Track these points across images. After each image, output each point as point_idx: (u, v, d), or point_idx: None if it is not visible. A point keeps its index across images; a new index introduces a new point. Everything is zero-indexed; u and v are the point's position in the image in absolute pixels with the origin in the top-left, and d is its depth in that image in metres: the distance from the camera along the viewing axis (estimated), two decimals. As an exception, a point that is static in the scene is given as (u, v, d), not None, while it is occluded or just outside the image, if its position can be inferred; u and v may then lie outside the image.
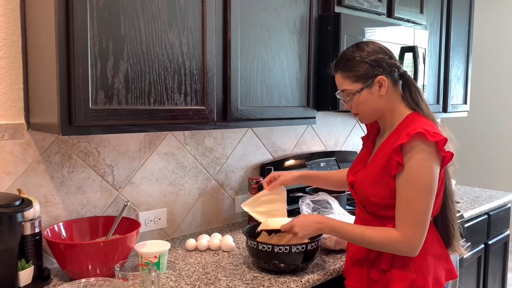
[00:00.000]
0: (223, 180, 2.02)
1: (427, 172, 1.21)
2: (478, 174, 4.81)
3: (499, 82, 4.62)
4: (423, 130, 1.19)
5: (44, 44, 1.28)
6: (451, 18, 2.63)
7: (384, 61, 1.28)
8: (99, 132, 1.27)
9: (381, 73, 1.28)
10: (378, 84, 1.28)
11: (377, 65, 1.28)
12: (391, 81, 1.30)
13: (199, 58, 1.46)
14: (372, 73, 1.28)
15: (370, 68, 1.28)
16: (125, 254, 1.41)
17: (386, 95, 1.30)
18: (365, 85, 1.29)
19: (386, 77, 1.28)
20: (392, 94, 1.31)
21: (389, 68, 1.28)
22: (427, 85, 2.40)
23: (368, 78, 1.28)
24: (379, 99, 1.30)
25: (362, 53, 1.29)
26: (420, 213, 1.22)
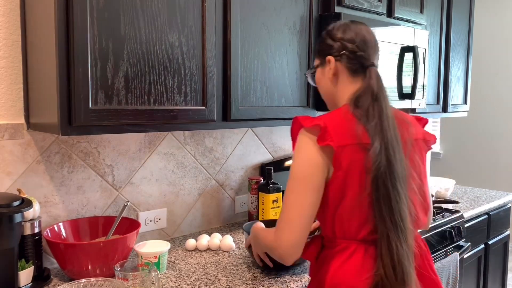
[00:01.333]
0: (223, 180, 2.02)
1: (298, 162, 1.09)
2: (478, 174, 4.81)
3: (499, 82, 4.62)
4: (298, 117, 1.11)
5: (44, 44, 1.28)
6: (451, 18, 2.63)
7: (340, 41, 1.17)
8: (99, 132, 1.27)
9: (333, 54, 1.18)
10: (328, 65, 1.19)
11: (333, 44, 1.18)
12: (346, 67, 1.18)
13: (199, 58, 1.46)
14: (326, 51, 1.20)
15: (326, 45, 1.20)
16: (125, 254, 1.41)
17: (336, 80, 1.19)
18: (320, 63, 1.23)
19: (336, 60, 1.18)
20: (346, 82, 1.19)
21: (343, 51, 1.17)
22: (427, 85, 2.40)
23: (323, 55, 1.21)
24: (328, 81, 1.21)
25: (331, 30, 1.21)
26: (288, 208, 1.08)
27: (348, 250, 1.10)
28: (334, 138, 1.06)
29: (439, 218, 2.09)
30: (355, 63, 1.18)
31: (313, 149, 1.08)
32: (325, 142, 1.06)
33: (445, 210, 2.21)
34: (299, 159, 1.09)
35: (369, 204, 1.07)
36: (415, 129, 1.21)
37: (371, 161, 1.05)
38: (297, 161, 1.10)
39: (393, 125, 1.10)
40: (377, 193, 1.05)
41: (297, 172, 1.09)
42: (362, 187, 1.06)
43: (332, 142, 1.05)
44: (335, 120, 1.10)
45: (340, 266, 1.10)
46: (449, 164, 5.05)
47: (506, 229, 2.69)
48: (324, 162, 1.08)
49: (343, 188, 1.07)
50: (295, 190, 1.08)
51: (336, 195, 1.08)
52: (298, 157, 1.10)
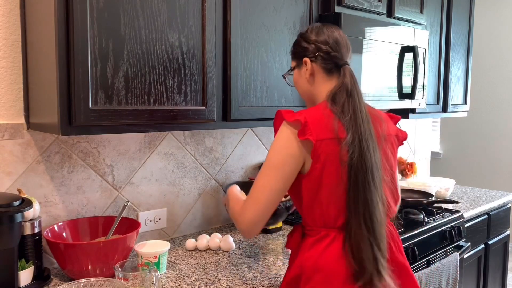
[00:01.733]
0: (223, 180, 2.02)
1: (275, 151, 1.16)
2: (478, 174, 4.81)
3: (499, 82, 4.62)
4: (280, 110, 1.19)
5: (44, 44, 1.28)
6: (451, 18, 2.63)
7: (315, 44, 1.25)
8: (99, 132, 1.27)
9: (308, 55, 1.26)
10: (305, 66, 1.27)
11: (308, 46, 1.26)
12: (321, 67, 1.25)
13: (199, 58, 1.46)
14: (302, 53, 1.28)
15: (301, 47, 1.28)
16: (125, 254, 1.41)
17: (313, 80, 1.27)
18: (296, 64, 1.31)
19: (312, 61, 1.26)
20: (322, 81, 1.26)
21: (318, 53, 1.24)
22: (427, 85, 2.40)
23: (299, 57, 1.29)
24: (305, 81, 1.29)
25: (305, 33, 1.29)
26: (258, 189, 1.16)
27: (328, 238, 1.17)
28: (313, 132, 1.13)
29: (439, 218, 2.09)
30: (329, 63, 1.25)
31: (293, 141, 1.15)
32: (305, 136, 1.13)
33: (445, 210, 2.21)
34: (277, 147, 1.17)
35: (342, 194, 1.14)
36: (388, 126, 1.29)
37: (347, 153, 1.12)
38: (275, 148, 1.17)
39: (367, 119, 1.17)
40: (349, 183, 1.12)
41: (272, 159, 1.16)
42: (338, 178, 1.13)
43: (311, 136, 1.13)
44: (315, 115, 1.16)
45: (322, 253, 1.16)
46: (449, 164, 5.05)
47: (506, 229, 2.69)
48: (301, 154, 1.15)
49: (321, 179, 1.14)
50: (267, 175, 1.16)
51: (314, 186, 1.15)
52: (277, 145, 1.17)
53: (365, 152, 1.13)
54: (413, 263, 1.83)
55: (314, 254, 1.16)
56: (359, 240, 1.11)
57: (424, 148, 3.27)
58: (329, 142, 1.13)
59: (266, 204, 1.16)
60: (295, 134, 1.15)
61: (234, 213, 1.23)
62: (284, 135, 1.16)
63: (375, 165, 1.14)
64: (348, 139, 1.12)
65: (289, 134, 1.16)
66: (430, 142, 3.36)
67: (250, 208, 1.16)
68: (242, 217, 1.18)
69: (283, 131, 1.17)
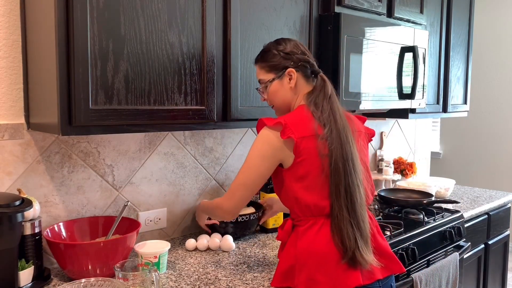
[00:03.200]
0: (223, 180, 2.02)
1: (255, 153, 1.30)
2: (478, 174, 4.81)
3: (499, 82, 4.62)
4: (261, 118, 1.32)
5: (44, 44, 1.28)
6: (451, 18, 2.63)
7: (295, 55, 1.36)
8: (99, 132, 1.27)
9: (291, 66, 1.35)
10: (288, 76, 1.36)
11: (289, 58, 1.36)
12: (302, 75, 1.37)
13: (199, 58, 1.46)
14: (283, 65, 1.36)
15: (282, 60, 1.36)
16: (125, 254, 1.41)
17: (296, 89, 1.37)
18: (276, 76, 1.37)
19: (296, 71, 1.36)
20: (303, 88, 1.37)
21: (300, 63, 1.36)
22: (427, 85, 2.40)
23: (279, 69, 1.36)
24: (288, 91, 1.37)
25: (278, 46, 1.38)
26: (238, 184, 1.33)
27: (317, 225, 1.27)
28: (294, 131, 1.25)
29: (439, 218, 2.09)
30: (308, 71, 1.38)
31: (274, 142, 1.27)
32: (286, 135, 1.25)
33: (445, 210, 2.21)
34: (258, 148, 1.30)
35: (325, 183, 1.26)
36: (357, 123, 1.43)
37: (327, 146, 1.25)
38: (256, 148, 1.30)
39: (343, 116, 1.32)
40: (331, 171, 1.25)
41: (250, 161, 1.31)
42: (320, 169, 1.25)
43: (293, 134, 1.25)
44: (294, 118, 1.29)
45: (313, 238, 1.26)
46: (449, 164, 5.04)
47: (506, 229, 2.69)
48: (281, 153, 1.27)
49: (304, 173, 1.26)
50: (245, 174, 1.31)
51: (298, 179, 1.27)
52: (257, 146, 1.30)
53: (344, 143, 1.26)
54: (413, 263, 1.83)
55: (306, 241, 1.27)
56: (340, 221, 1.24)
57: (424, 148, 3.27)
58: (309, 139, 1.26)
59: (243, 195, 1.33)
60: (277, 136, 1.26)
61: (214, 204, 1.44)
62: (265, 136, 1.29)
63: (354, 153, 1.28)
64: (326, 132, 1.26)
65: (270, 136, 1.28)
66: (430, 142, 3.36)
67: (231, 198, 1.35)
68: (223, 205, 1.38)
69: (264, 134, 1.29)
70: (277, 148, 1.27)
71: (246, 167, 1.32)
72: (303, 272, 1.24)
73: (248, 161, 1.31)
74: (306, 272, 1.24)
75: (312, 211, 1.27)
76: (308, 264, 1.24)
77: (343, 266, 1.23)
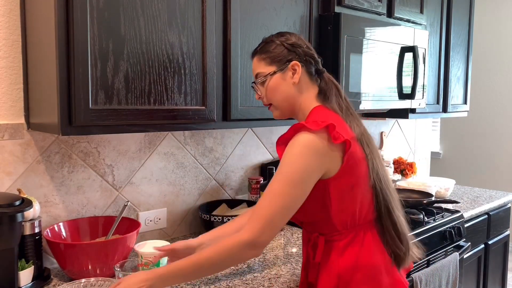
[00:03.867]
0: (223, 180, 2.02)
1: (300, 167, 1.08)
2: (478, 174, 4.81)
3: (499, 82, 4.62)
4: (303, 123, 1.12)
5: (44, 44, 1.28)
6: (451, 18, 2.62)
7: (300, 48, 1.24)
8: (99, 132, 1.27)
9: (296, 59, 1.23)
10: (291, 70, 1.23)
11: (294, 50, 1.23)
12: (306, 71, 1.24)
13: (199, 58, 1.46)
14: (287, 57, 1.23)
15: (286, 51, 1.23)
16: (125, 254, 1.42)
17: (299, 85, 1.23)
18: (278, 68, 1.23)
19: (301, 65, 1.23)
20: (306, 86, 1.25)
21: (305, 57, 1.24)
22: (427, 85, 2.40)
23: (283, 61, 1.23)
24: (291, 86, 1.23)
25: (282, 37, 1.25)
26: (277, 211, 1.08)
27: (359, 236, 1.19)
28: (344, 134, 1.13)
29: (439, 218, 2.09)
30: (313, 68, 1.26)
31: (323, 149, 1.10)
32: (339, 140, 1.11)
33: (445, 210, 2.21)
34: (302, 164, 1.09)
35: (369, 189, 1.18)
36: None
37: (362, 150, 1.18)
38: (298, 165, 1.09)
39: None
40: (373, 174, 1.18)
41: (296, 177, 1.09)
42: (365, 173, 1.17)
43: (345, 137, 1.12)
44: (333, 119, 1.17)
45: (358, 252, 1.17)
46: (449, 164, 5.04)
47: (506, 229, 2.69)
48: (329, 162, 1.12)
49: (355, 180, 1.15)
50: (288, 195, 1.09)
51: (346, 187, 1.15)
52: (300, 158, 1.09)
53: (372, 144, 1.21)
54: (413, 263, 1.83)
55: (350, 257, 1.17)
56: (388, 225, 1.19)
57: (424, 148, 3.27)
58: (353, 141, 1.16)
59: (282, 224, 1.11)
60: (323, 141, 1.10)
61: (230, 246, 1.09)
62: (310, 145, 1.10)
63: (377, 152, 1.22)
64: (359, 135, 1.18)
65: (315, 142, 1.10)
66: (430, 142, 3.36)
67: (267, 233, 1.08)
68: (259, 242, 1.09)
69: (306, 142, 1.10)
70: (325, 155, 1.10)
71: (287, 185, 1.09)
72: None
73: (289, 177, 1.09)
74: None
75: (355, 222, 1.18)
76: (355, 280, 1.16)
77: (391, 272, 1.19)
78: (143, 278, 1.08)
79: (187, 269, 1.10)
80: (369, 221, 1.21)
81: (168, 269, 1.10)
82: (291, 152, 1.11)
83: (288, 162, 1.11)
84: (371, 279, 1.17)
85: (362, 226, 1.20)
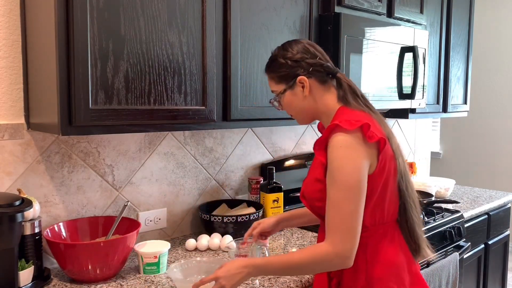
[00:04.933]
0: (223, 180, 2.02)
1: (351, 169, 1.10)
2: (478, 174, 4.80)
3: (499, 82, 4.62)
4: (337, 122, 1.13)
5: (44, 44, 1.28)
6: (451, 18, 2.62)
7: (304, 61, 1.23)
8: (99, 132, 1.27)
9: (302, 73, 1.22)
10: (300, 85, 1.23)
11: (297, 65, 1.23)
12: (316, 80, 1.23)
13: (199, 58, 1.46)
14: (293, 73, 1.23)
15: (290, 68, 1.23)
16: (125, 254, 1.41)
17: (312, 95, 1.24)
18: (287, 86, 1.25)
19: (307, 77, 1.22)
20: (321, 93, 1.25)
21: (311, 68, 1.22)
22: (427, 85, 2.40)
23: (289, 78, 1.24)
24: (304, 100, 1.25)
25: (285, 53, 1.24)
26: (347, 217, 1.10)
27: (388, 233, 1.21)
28: (378, 132, 1.15)
29: (439, 218, 2.09)
30: (322, 74, 1.24)
31: (362, 148, 1.12)
32: (374, 138, 1.12)
33: (445, 210, 2.21)
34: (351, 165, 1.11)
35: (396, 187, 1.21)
36: None
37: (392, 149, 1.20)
38: (349, 168, 1.10)
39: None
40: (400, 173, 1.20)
41: (351, 180, 1.10)
42: (394, 172, 1.19)
43: (379, 136, 1.14)
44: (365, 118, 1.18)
45: (385, 249, 1.20)
46: (449, 164, 5.04)
47: (506, 229, 2.69)
48: (370, 160, 1.14)
49: (387, 177, 1.17)
50: (352, 199, 1.10)
51: (379, 185, 1.16)
52: (349, 163, 1.11)
53: (397, 143, 1.22)
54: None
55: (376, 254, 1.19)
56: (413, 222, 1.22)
57: (424, 148, 3.27)
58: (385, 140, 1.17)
59: (359, 227, 1.12)
60: (358, 140, 1.11)
61: (316, 257, 1.12)
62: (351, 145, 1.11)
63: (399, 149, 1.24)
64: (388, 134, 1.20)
65: (352, 142, 1.11)
66: (430, 142, 3.36)
67: (349, 241, 1.10)
68: (342, 254, 1.10)
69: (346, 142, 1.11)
70: (365, 152, 1.12)
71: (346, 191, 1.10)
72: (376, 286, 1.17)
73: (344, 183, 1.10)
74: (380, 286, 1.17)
75: (384, 218, 1.20)
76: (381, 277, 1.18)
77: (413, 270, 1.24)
78: (242, 264, 1.17)
79: (279, 266, 1.16)
80: (395, 219, 1.24)
81: (263, 262, 1.19)
82: (335, 157, 1.12)
83: (337, 166, 1.12)
84: (396, 276, 1.19)
85: (389, 224, 1.22)
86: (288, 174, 2.18)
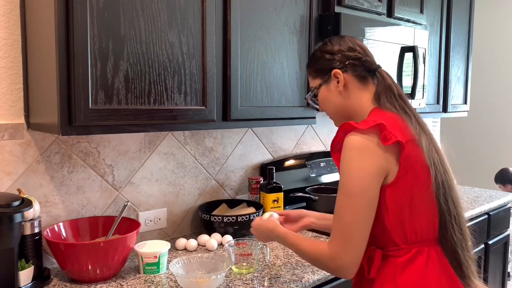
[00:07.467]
0: (223, 180, 2.02)
1: (357, 175, 1.02)
2: (478, 174, 4.80)
3: (499, 82, 4.62)
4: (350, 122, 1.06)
5: (44, 44, 1.28)
6: (451, 18, 2.63)
7: (341, 53, 1.16)
8: (99, 132, 1.27)
9: (337, 67, 1.15)
10: (335, 79, 1.16)
11: (333, 58, 1.16)
12: (354, 75, 1.15)
13: (199, 58, 1.46)
14: (328, 67, 1.17)
15: (326, 61, 1.17)
16: (125, 254, 1.41)
17: (348, 92, 1.16)
18: (322, 81, 1.19)
19: (343, 71, 1.15)
20: (358, 90, 1.16)
21: (348, 61, 1.15)
22: (427, 85, 2.40)
23: (324, 72, 1.17)
24: (338, 95, 1.17)
25: (323, 46, 1.20)
26: (347, 227, 1.01)
27: (423, 254, 1.08)
28: (397, 134, 1.03)
29: (439, 218, 2.09)
30: (361, 69, 1.16)
31: (377, 150, 1.02)
32: (391, 140, 1.01)
33: (445, 210, 2.21)
34: (358, 171, 1.02)
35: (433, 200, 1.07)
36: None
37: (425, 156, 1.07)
38: (354, 173, 1.02)
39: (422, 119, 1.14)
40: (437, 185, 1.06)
41: (352, 186, 1.02)
42: (427, 182, 1.06)
43: (398, 137, 1.02)
44: (386, 119, 1.06)
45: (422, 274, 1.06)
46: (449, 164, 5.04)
47: (506, 229, 2.69)
48: (386, 165, 1.03)
49: (411, 187, 1.05)
50: (353, 208, 1.02)
51: (404, 196, 1.05)
52: (356, 168, 1.02)
53: (439, 152, 1.10)
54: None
55: (411, 276, 1.06)
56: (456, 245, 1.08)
57: (424, 148, 3.27)
58: (412, 144, 1.06)
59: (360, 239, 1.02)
60: (374, 142, 1.02)
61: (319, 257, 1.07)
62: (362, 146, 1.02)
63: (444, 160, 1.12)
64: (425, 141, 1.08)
65: (365, 143, 1.02)
66: (430, 142, 3.36)
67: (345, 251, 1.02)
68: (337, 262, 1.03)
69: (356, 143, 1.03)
70: (379, 156, 1.02)
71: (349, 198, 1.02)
72: None
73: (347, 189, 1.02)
74: None
75: (417, 236, 1.07)
76: None
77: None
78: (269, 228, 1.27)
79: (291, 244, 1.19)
80: (435, 238, 1.11)
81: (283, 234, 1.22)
82: (344, 159, 1.04)
83: (344, 170, 1.04)
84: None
85: (427, 243, 1.09)
86: (288, 174, 2.18)
